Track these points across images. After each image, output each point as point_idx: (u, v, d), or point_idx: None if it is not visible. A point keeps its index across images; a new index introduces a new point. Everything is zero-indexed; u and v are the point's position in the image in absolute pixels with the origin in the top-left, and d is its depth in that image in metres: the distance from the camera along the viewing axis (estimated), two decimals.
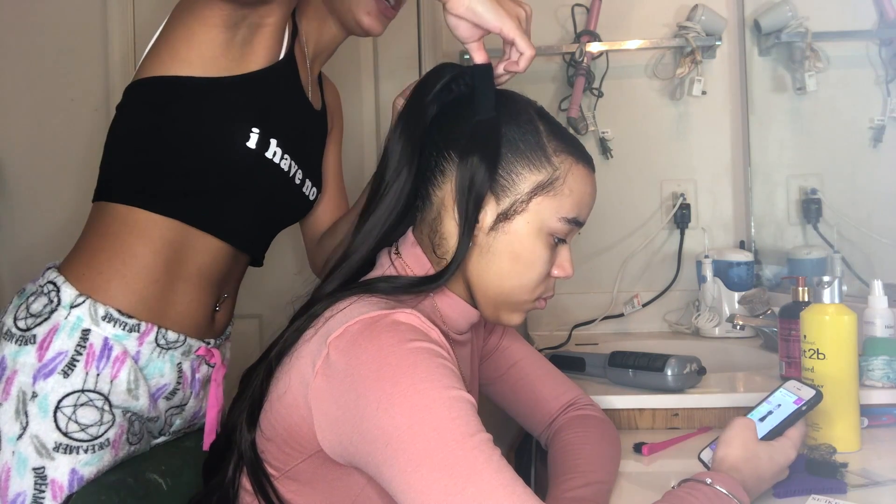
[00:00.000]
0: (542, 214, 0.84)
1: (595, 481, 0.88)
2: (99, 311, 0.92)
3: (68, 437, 0.88)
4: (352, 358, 0.73)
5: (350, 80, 1.93)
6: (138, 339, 0.94)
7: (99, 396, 0.91)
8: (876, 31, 1.52)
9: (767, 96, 1.84)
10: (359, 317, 0.75)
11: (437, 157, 0.87)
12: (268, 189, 1.03)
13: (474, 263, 0.86)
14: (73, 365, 0.90)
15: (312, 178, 1.12)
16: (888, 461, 0.94)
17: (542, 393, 1.05)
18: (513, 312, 0.89)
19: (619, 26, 1.88)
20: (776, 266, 1.79)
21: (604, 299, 1.85)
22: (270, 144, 0.98)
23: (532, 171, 0.85)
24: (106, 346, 0.92)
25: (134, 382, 0.93)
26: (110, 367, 0.92)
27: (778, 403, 0.86)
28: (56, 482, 0.87)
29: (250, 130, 0.96)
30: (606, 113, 1.89)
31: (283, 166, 1.02)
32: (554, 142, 0.86)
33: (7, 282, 1.88)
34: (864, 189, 1.57)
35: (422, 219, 0.89)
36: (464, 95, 0.89)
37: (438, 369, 0.71)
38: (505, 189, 0.85)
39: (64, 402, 0.89)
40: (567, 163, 0.86)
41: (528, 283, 0.86)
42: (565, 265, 0.89)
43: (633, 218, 1.90)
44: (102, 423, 0.90)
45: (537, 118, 0.88)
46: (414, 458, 0.67)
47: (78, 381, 0.90)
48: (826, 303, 0.99)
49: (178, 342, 0.98)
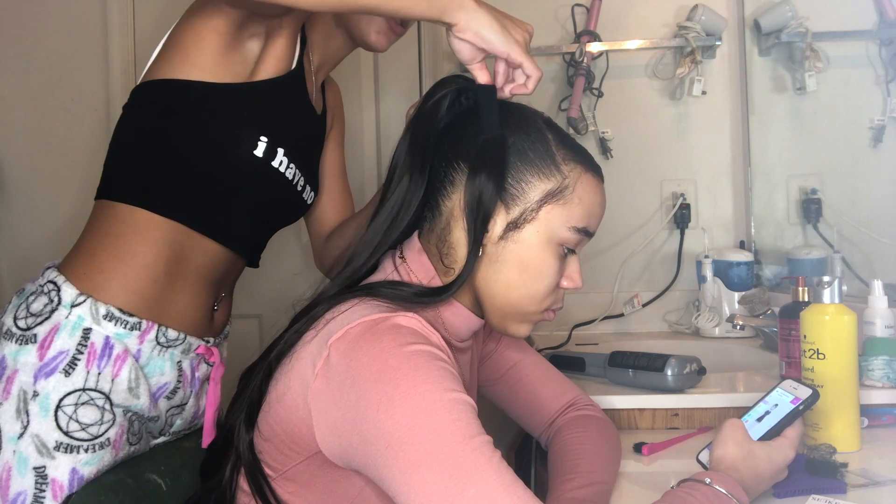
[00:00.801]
0: (551, 223, 0.84)
1: (595, 481, 0.88)
2: (100, 310, 0.92)
3: (69, 436, 0.88)
4: (352, 360, 0.73)
5: (351, 86, 1.93)
6: (139, 337, 0.94)
7: (100, 395, 0.91)
8: (876, 31, 1.52)
9: (767, 96, 1.84)
10: (360, 319, 0.75)
11: (446, 168, 0.87)
12: (271, 196, 1.04)
13: (483, 273, 0.86)
14: (74, 364, 0.90)
15: (311, 183, 1.13)
16: (888, 461, 0.94)
17: (541, 394, 1.05)
18: (521, 323, 0.89)
19: (619, 26, 1.88)
20: (776, 266, 1.79)
21: (604, 299, 1.86)
22: (278, 154, 0.99)
23: (541, 180, 0.84)
24: (107, 344, 0.92)
25: (135, 381, 0.94)
26: (111, 365, 0.92)
27: (775, 403, 0.86)
28: (56, 481, 0.87)
29: (258, 139, 0.97)
30: (606, 113, 1.89)
31: (288, 175, 1.03)
32: (563, 150, 0.86)
33: (7, 282, 1.88)
34: (864, 189, 1.57)
35: (430, 228, 0.89)
36: (471, 108, 0.89)
37: (438, 371, 0.71)
38: (515, 198, 0.84)
39: (65, 402, 0.89)
40: (576, 171, 0.86)
41: (537, 293, 0.86)
42: (574, 276, 0.89)
43: (633, 218, 1.90)
44: (103, 422, 0.90)
45: (545, 127, 0.88)
46: (414, 459, 0.67)
47: (79, 380, 0.90)
48: (826, 303, 0.99)
49: (178, 340, 0.98)
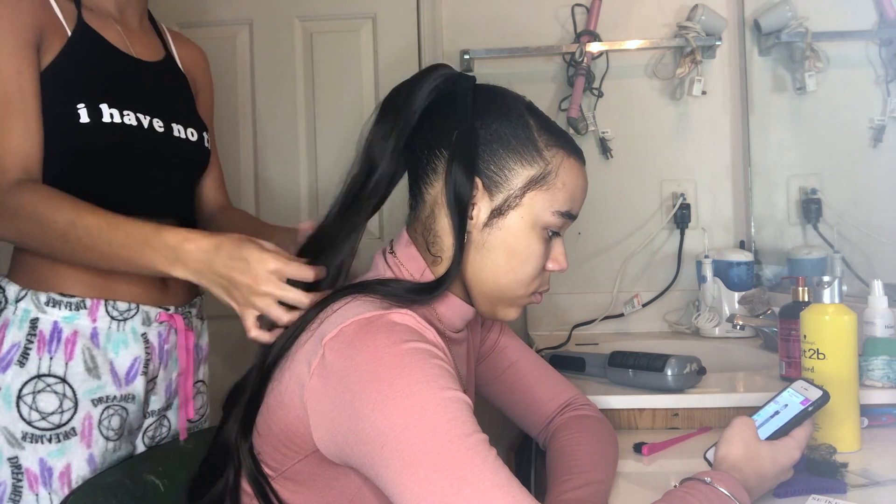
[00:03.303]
0: (535, 209, 0.84)
1: (592, 481, 0.88)
2: (41, 298, 0.95)
3: (31, 425, 0.91)
4: (347, 359, 0.72)
5: (351, 91, 1.93)
6: (89, 315, 0.96)
7: (56, 380, 0.93)
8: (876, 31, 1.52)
9: (767, 96, 1.84)
10: (354, 317, 0.75)
11: (428, 156, 0.86)
12: (135, 151, 1.02)
13: (470, 261, 0.86)
14: (26, 354, 0.93)
15: (183, 123, 1.10)
16: (888, 461, 0.94)
17: (538, 394, 1.05)
18: (509, 307, 0.89)
19: (619, 26, 1.88)
20: (776, 266, 1.78)
21: (604, 299, 1.85)
22: (102, 110, 0.98)
23: (524, 167, 0.84)
24: (55, 329, 0.95)
25: (91, 361, 0.96)
26: (63, 349, 0.94)
27: (785, 403, 0.86)
28: (30, 471, 0.91)
29: (76, 108, 0.96)
30: (606, 113, 1.89)
31: (129, 121, 1.01)
32: (545, 136, 0.86)
33: None
34: (864, 189, 1.57)
35: (415, 217, 0.89)
36: (451, 95, 0.87)
37: (433, 370, 0.71)
38: (498, 185, 0.84)
39: (24, 391, 0.92)
40: (559, 156, 0.86)
41: (524, 277, 0.86)
42: (559, 258, 0.89)
43: (633, 218, 1.90)
44: (63, 409, 0.93)
45: (527, 113, 0.87)
46: (409, 459, 0.67)
47: (33, 367, 0.93)
48: (826, 303, 0.99)
49: (131, 311, 0.99)
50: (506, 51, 1.85)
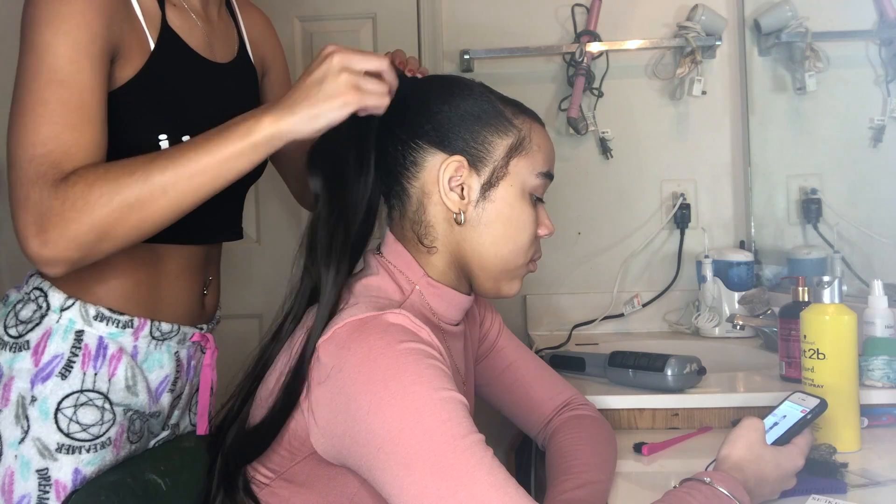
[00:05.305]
0: (521, 175, 0.88)
1: (591, 481, 0.88)
2: (90, 312, 0.92)
3: (70, 437, 0.88)
4: (341, 361, 0.73)
5: None
6: (133, 334, 0.94)
7: (98, 395, 0.91)
8: (876, 31, 1.52)
9: (767, 96, 1.84)
10: (347, 319, 0.75)
11: (403, 151, 0.87)
12: None
13: (468, 239, 0.87)
14: (70, 366, 0.90)
15: None
16: (888, 461, 0.94)
17: (537, 394, 1.05)
18: (511, 280, 0.91)
19: (619, 26, 1.88)
20: (776, 266, 1.78)
21: (604, 299, 1.85)
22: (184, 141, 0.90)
23: (501, 137, 0.87)
24: (101, 345, 0.92)
25: (132, 379, 0.94)
26: (107, 365, 0.92)
27: (783, 415, 0.87)
28: (60, 482, 0.87)
29: (157, 138, 0.91)
30: (606, 113, 1.89)
31: None
32: (509, 107, 0.90)
33: (7, 282, 1.88)
34: (864, 189, 1.57)
35: (401, 215, 0.90)
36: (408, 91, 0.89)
37: (428, 370, 0.71)
38: (482, 159, 0.86)
39: (64, 404, 0.89)
40: (527, 122, 0.90)
41: (523, 244, 0.89)
42: (547, 222, 0.92)
43: (633, 218, 1.90)
44: (104, 421, 0.91)
45: (486, 91, 0.91)
46: (405, 461, 0.67)
47: (76, 381, 0.90)
48: (826, 303, 0.99)
49: (172, 332, 0.98)
50: (506, 51, 1.85)
